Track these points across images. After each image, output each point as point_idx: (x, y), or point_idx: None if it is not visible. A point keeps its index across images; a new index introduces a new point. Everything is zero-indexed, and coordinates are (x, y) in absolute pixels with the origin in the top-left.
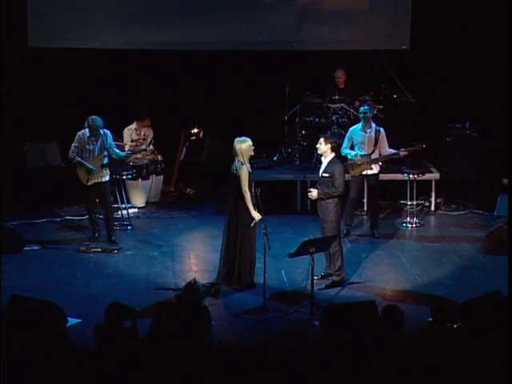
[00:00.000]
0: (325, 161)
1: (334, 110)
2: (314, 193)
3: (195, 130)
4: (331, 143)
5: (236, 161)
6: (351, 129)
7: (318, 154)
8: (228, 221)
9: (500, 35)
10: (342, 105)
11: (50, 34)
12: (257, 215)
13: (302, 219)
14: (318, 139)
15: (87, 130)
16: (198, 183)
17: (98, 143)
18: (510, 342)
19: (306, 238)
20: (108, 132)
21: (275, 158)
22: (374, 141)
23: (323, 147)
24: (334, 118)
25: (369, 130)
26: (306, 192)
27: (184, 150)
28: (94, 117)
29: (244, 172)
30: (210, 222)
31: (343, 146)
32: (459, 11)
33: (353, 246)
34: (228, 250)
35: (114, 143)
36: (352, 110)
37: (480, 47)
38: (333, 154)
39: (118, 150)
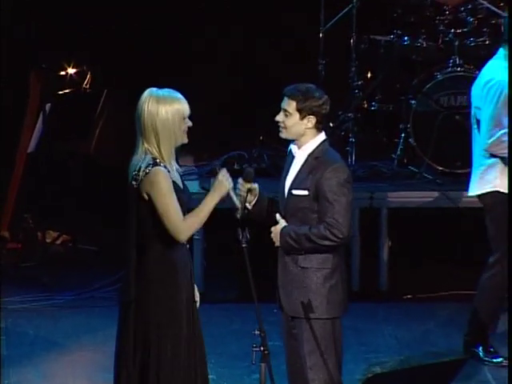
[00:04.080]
0: (299, 155)
1: (453, 13)
2: (277, 227)
3: (70, 72)
4: (314, 109)
5: (140, 155)
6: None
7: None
8: (123, 318)
9: None
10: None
11: None
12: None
13: (361, 309)
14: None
15: None
16: (78, 215)
17: None
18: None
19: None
20: None
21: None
22: None
23: (291, 120)
24: (449, 35)
25: None
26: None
27: (39, 125)
28: None
29: (160, 181)
30: (108, 322)
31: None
32: None
33: None
34: None
35: None
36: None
37: None
38: (319, 138)
39: None
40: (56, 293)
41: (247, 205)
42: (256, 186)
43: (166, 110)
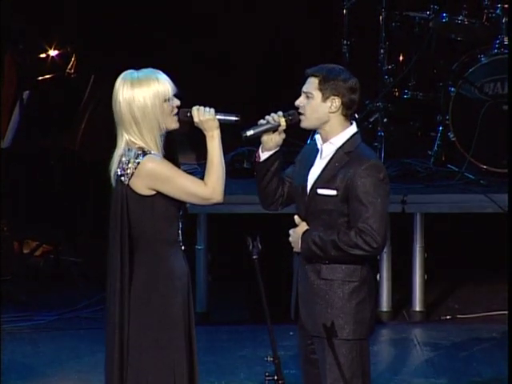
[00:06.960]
0: (326, 148)
1: None
2: (298, 230)
3: (51, 54)
4: (340, 89)
5: (122, 148)
6: None
7: (313, 132)
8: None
9: None
10: None
11: None
12: None
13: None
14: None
15: None
16: (61, 222)
17: None
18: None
19: None
20: None
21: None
22: None
23: (312, 103)
24: (496, 11)
25: None
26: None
27: (15, 116)
28: None
29: (156, 166)
30: (95, 346)
31: None
32: None
33: None
34: None
35: None
36: None
37: None
38: (350, 130)
39: None
40: (35, 312)
41: (265, 137)
42: (284, 136)
43: (143, 94)
